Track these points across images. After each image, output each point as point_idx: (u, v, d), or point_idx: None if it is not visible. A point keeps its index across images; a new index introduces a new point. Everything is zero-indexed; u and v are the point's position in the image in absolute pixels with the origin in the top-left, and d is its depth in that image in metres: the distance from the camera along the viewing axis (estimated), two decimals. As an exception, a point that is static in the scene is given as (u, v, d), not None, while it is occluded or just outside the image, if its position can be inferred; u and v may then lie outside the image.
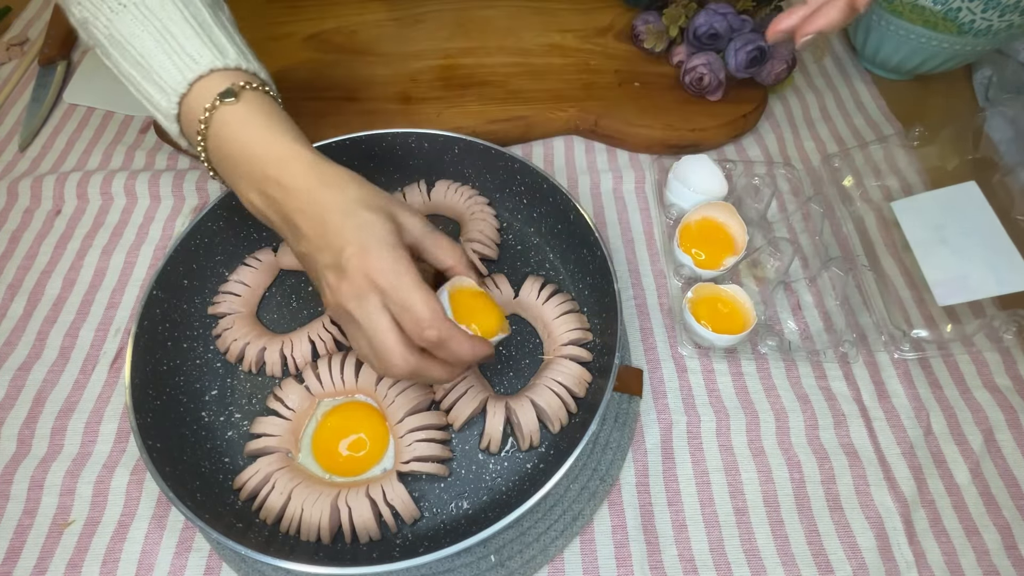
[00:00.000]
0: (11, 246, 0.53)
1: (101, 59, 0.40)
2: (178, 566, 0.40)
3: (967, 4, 0.54)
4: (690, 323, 0.46)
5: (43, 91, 0.63)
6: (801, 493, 0.42)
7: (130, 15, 0.37)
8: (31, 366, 0.47)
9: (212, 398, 0.44)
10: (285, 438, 0.41)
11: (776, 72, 0.58)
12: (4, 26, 0.72)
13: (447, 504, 0.40)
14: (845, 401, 0.45)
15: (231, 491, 0.40)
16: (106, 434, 0.44)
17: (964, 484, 0.42)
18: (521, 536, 0.39)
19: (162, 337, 0.44)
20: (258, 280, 0.49)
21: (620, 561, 0.40)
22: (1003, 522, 0.41)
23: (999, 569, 0.39)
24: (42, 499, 0.42)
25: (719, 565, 0.40)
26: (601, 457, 0.42)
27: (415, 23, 0.67)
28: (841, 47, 0.69)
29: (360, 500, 0.38)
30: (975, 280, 0.45)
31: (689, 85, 0.59)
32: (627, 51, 0.64)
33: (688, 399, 0.45)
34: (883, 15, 0.59)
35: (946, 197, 0.49)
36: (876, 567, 0.39)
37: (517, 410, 0.41)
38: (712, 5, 0.58)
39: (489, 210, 0.52)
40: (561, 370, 0.42)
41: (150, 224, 0.55)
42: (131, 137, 0.61)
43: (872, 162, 0.57)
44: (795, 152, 0.60)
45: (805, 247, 0.53)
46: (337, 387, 0.43)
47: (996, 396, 0.45)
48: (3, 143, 0.61)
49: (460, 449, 0.42)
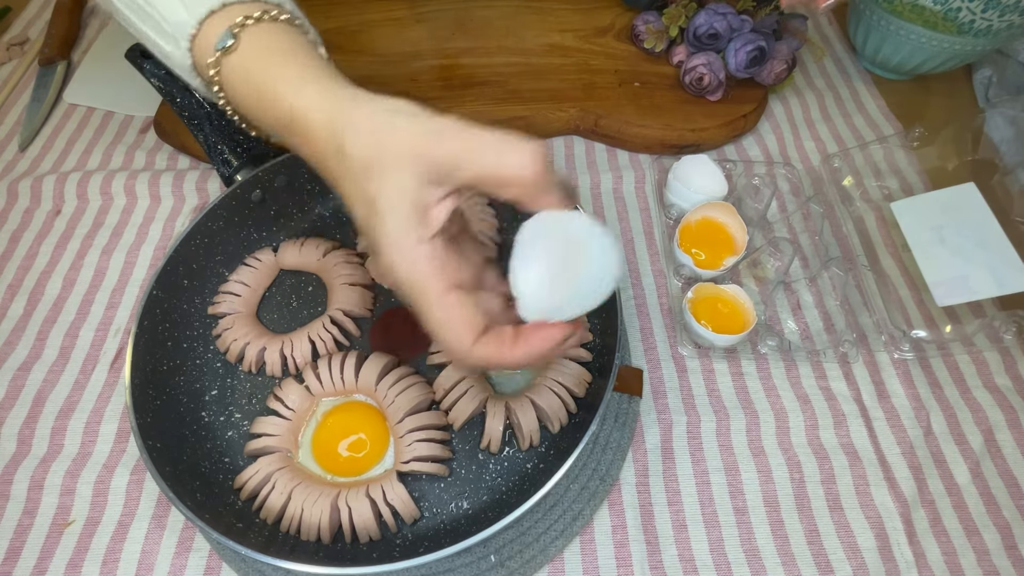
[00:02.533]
0: (11, 246, 0.53)
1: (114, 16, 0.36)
2: (178, 566, 0.40)
3: (967, 4, 0.54)
4: (690, 323, 0.46)
5: (43, 91, 0.63)
6: (801, 493, 0.42)
7: None
8: (31, 366, 0.47)
9: (212, 398, 0.44)
10: (285, 438, 0.41)
11: (776, 72, 0.58)
12: (4, 26, 0.72)
13: (447, 504, 0.40)
14: (845, 401, 0.45)
15: (231, 491, 0.40)
16: (106, 434, 0.44)
17: (964, 484, 0.42)
18: (521, 536, 0.39)
19: (162, 337, 0.44)
20: (258, 280, 0.49)
21: (620, 561, 0.40)
22: (1003, 522, 0.41)
23: (999, 569, 0.39)
24: (42, 499, 0.42)
25: (719, 565, 0.40)
26: (601, 457, 0.42)
27: (415, 23, 0.67)
28: (841, 47, 0.69)
29: (360, 500, 0.38)
30: (975, 281, 0.45)
31: (689, 85, 0.59)
32: (627, 51, 0.64)
33: (688, 399, 0.45)
34: (883, 15, 0.59)
35: (946, 198, 0.49)
36: (876, 567, 0.39)
37: (517, 410, 0.41)
38: (712, 5, 0.58)
39: (489, 210, 0.52)
40: (561, 370, 0.42)
41: (150, 224, 0.55)
42: (131, 137, 0.61)
43: (872, 162, 0.57)
44: (795, 152, 0.60)
45: (805, 247, 0.53)
46: (337, 387, 0.43)
47: (996, 396, 0.45)
48: (3, 143, 0.61)
49: (460, 449, 0.42)
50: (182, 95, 0.53)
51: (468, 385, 0.42)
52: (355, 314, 0.47)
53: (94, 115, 0.63)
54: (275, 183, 0.50)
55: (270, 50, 0.32)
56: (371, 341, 0.47)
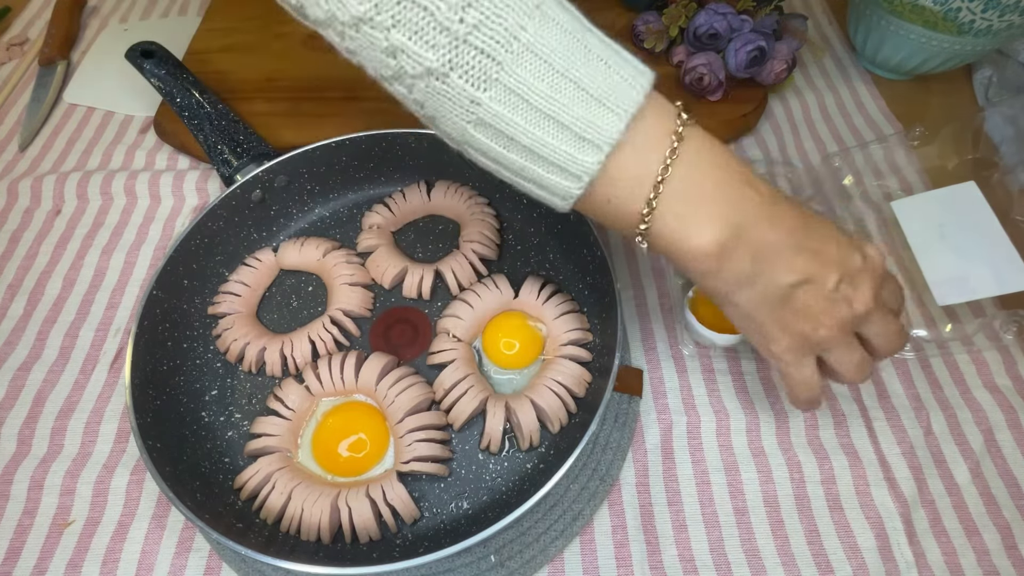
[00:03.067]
0: (11, 246, 0.53)
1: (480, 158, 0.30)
2: (178, 566, 0.40)
3: (967, 4, 0.54)
4: (690, 322, 0.45)
5: (43, 91, 0.63)
6: (801, 493, 0.42)
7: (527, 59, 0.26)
8: (31, 366, 0.47)
9: (212, 398, 0.44)
10: (285, 438, 0.41)
11: (776, 72, 0.58)
12: (4, 26, 0.72)
13: (447, 504, 0.40)
14: (845, 401, 0.45)
15: (231, 491, 0.40)
16: (106, 434, 0.44)
17: (964, 484, 0.42)
18: (521, 536, 0.39)
19: (162, 337, 0.44)
20: (258, 280, 0.49)
21: (620, 561, 0.40)
22: (1003, 522, 0.41)
23: (999, 569, 0.39)
24: (42, 499, 0.42)
25: (719, 565, 0.40)
26: (601, 457, 0.42)
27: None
28: (841, 47, 0.69)
29: (360, 500, 0.38)
30: (975, 280, 0.45)
31: (689, 85, 0.59)
32: (627, 51, 0.64)
33: (688, 399, 0.45)
34: (883, 15, 0.59)
35: (946, 197, 0.49)
36: (876, 567, 0.39)
37: (517, 410, 0.41)
38: (712, 5, 0.58)
39: (489, 211, 0.52)
40: (561, 370, 0.42)
41: (150, 224, 0.55)
42: (131, 137, 0.61)
43: (872, 161, 0.57)
44: (795, 152, 0.60)
45: (805, 247, 0.53)
46: (337, 387, 0.43)
47: (996, 396, 0.45)
48: (3, 143, 0.61)
49: (460, 449, 0.42)
50: (182, 95, 0.54)
51: (468, 385, 0.42)
52: (355, 314, 0.47)
53: (94, 115, 0.63)
54: (275, 183, 0.50)
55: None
56: (371, 341, 0.47)
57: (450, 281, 0.48)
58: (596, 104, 0.27)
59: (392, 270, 0.48)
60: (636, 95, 0.28)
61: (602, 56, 0.28)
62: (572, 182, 0.29)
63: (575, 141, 0.27)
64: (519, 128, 0.27)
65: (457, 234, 0.52)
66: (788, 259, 0.31)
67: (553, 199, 0.30)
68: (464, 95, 0.27)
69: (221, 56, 0.63)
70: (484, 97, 0.27)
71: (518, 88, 0.27)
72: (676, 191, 0.29)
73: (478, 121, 0.28)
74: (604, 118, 0.27)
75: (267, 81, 0.61)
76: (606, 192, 0.30)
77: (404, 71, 0.28)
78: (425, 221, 0.53)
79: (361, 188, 0.54)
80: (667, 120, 0.30)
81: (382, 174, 0.53)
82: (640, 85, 0.28)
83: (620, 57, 0.29)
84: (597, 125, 0.27)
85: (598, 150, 0.28)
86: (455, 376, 0.43)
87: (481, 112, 0.27)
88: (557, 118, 0.27)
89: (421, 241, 0.52)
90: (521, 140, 0.28)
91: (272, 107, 0.59)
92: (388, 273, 0.48)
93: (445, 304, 0.47)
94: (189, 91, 0.54)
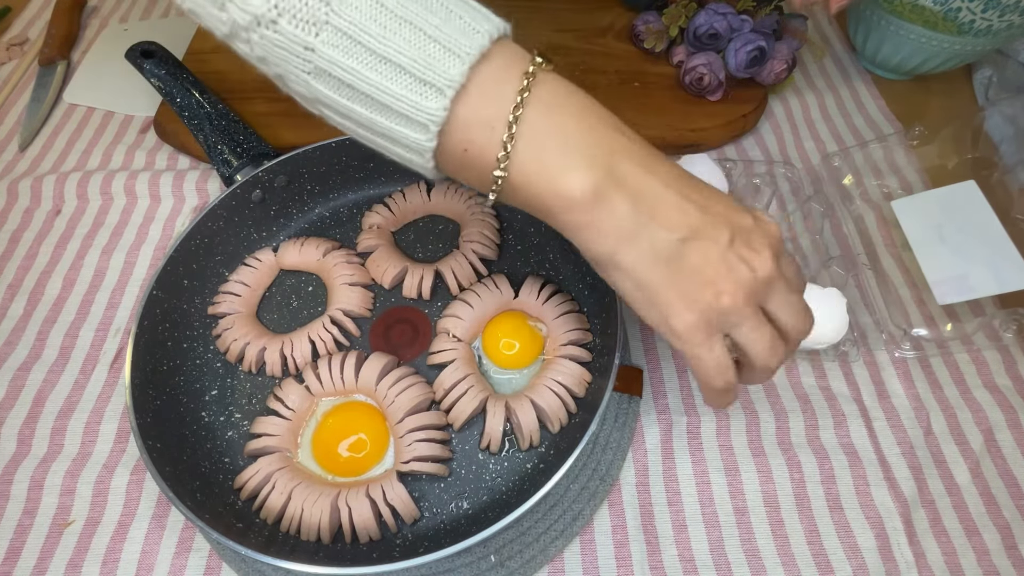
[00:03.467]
0: (11, 246, 0.53)
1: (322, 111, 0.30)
2: (178, 566, 0.40)
3: (967, 4, 0.54)
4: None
5: (43, 91, 0.63)
6: (801, 493, 0.42)
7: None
8: (31, 366, 0.47)
9: (212, 398, 0.44)
10: (285, 438, 0.41)
11: (776, 72, 0.58)
12: (4, 26, 0.72)
13: (447, 504, 0.40)
14: (845, 401, 0.45)
15: (231, 491, 0.40)
16: (106, 434, 0.44)
17: (964, 484, 0.42)
18: (521, 536, 0.39)
19: (162, 337, 0.44)
20: (258, 280, 0.49)
21: (620, 561, 0.40)
22: (1003, 522, 0.41)
23: (999, 569, 0.39)
24: (42, 499, 0.42)
25: (719, 565, 0.40)
26: (601, 457, 0.42)
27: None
28: (841, 47, 0.69)
29: (360, 500, 0.38)
30: (975, 279, 0.45)
31: (689, 85, 0.59)
32: (627, 51, 0.64)
33: (688, 399, 0.45)
34: (883, 15, 0.59)
35: (946, 196, 0.49)
36: (876, 567, 0.39)
37: (517, 410, 0.41)
38: (712, 5, 0.58)
39: (489, 211, 0.52)
40: (561, 370, 0.42)
41: (150, 224, 0.55)
42: (131, 137, 0.61)
43: (872, 161, 0.57)
44: (795, 152, 0.60)
45: (805, 246, 0.53)
46: (337, 387, 0.43)
47: (996, 396, 0.45)
48: (3, 143, 0.61)
49: (460, 449, 0.42)
50: (182, 95, 0.54)
51: (468, 385, 0.42)
52: (355, 314, 0.47)
53: (94, 115, 0.63)
54: (275, 183, 0.50)
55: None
56: (371, 341, 0.47)
57: (450, 281, 0.48)
58: (435, 45, 0.26)
59: (392, 270, 0.48)
60: (481, 39, 0.27)
61: (445, 3, 0.27)
62: (421, 133, 0.27)
63: (417, 85, 0.26)
64: (357, 74, 0.26)
65: (457, 234, 0.52)
66: (672, 209, 0.28)
67: (411, 156, 0.29)
68: (297, 41, 0.26)
69: (221, 56, 0.63)
70: (317, 42, 0.26)
71: (350, 30, 0.26)
72: (536, 131, 0.28)
73: (317, 71, 0.27)
74: (444, 59, 0.26)
75: (267, 81, 0.61)
76: (460, 140, 0.28)
77: (236, 23, 0.27)
78: (425, 221, 0.53)
79: (361, 188, 0.54)
80: (519, 62, 0.28)
81: (382, 174, 0.53)
82: (486, 31, 0.27)
83: (468, 5, 0.28)
84: (437, 67, 0.26)
85: (440, 94, 0.26)
86: (455, 376, 0.43)
87: (316, 59, 0.26)
88: (394, 60, 0.26)
89: (421, 241, 0.52)
90: (360, 87, 0.27)
91: (272, 107, 0.59)
92: (388, 273, 0.48)
93: (445, 304, 0.47)
94: (189, 91, 0.54)
